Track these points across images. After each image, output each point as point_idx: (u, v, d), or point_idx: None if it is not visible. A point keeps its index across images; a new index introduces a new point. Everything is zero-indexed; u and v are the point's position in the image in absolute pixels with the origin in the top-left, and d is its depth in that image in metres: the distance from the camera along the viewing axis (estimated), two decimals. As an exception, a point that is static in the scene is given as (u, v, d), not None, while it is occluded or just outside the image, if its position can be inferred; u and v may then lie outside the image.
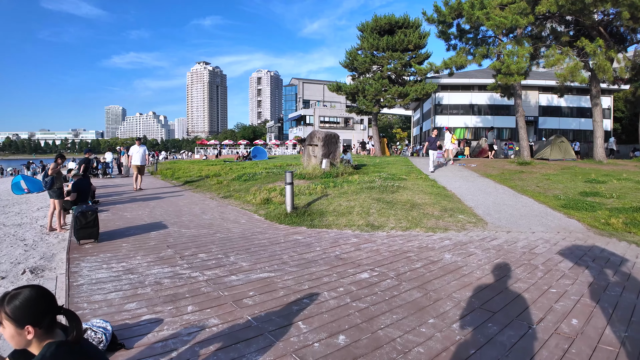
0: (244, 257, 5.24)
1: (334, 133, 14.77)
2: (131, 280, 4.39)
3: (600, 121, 17.69)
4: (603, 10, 14.54)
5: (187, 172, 20.52)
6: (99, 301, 3.77)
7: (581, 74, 15.04)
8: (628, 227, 6.94)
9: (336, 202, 8.73)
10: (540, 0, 14.40)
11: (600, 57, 14.39)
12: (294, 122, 70.43)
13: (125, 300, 3.79)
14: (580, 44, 15.01)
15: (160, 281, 4.34)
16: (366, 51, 27.39)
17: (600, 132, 17.74)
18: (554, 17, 17.54)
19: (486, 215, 8.03)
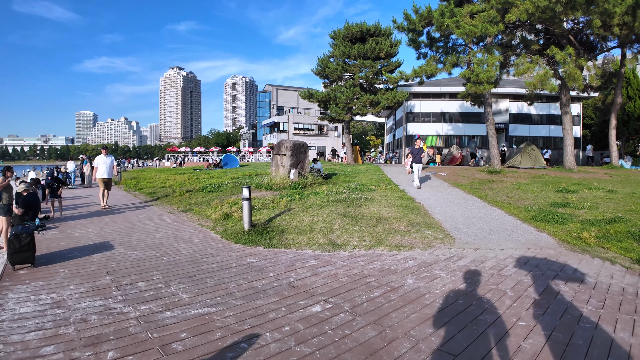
0: (187, 287, 4.70)
1: (302, 142, 14.32)
2: (56, 316, 3.81)
3: (570, 129, 17.86)
4: (573, 18, 14.67)
5: (152, 182, 19.64)
6: (16, 343, 3.22)
7: (551, 83, 15.12)
8: (601, 242, 6.72)
9: (299, 217, 8.25)
10: (510, 9, 14.39)
11: (570, 66, 14.48)
12: (267, 128, 69.79)
13: (43, 342, 3.24)
14: (550, 52, 15.08)
15: (87, 318, 3.77)
16: (338, 59, 27.15)
17: (570, 140, 17.90)
18: (524, 26, 17.66)
19: (454, 230, 7.71)
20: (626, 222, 7.90)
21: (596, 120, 37.45)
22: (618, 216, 8.41)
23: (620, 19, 13.42)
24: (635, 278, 5.06)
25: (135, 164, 63.24)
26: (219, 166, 35.16)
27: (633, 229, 7.28)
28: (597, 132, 38.50)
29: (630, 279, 5.01)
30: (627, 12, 13.34)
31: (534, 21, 15.00)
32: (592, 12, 13.11)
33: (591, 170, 18.34)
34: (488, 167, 18.38)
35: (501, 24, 14.83)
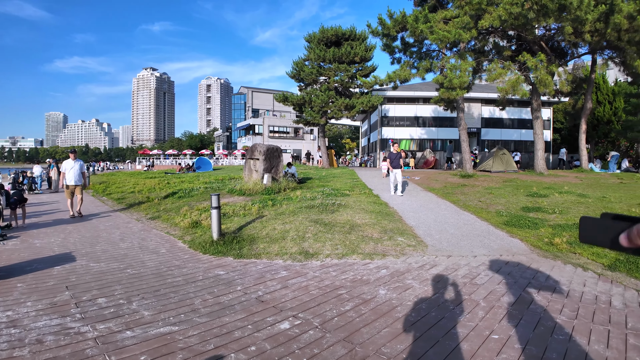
0: (150, 303, 4.44)
1: (276, 146, 14.12)
2: (11, 336, 3.52)
3: (540, 133, 18.28)
4: (545, 25, 15.00)
5: (121, 187, 19.01)
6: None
7: (522, 88, 15.46)
8: (572, 248, 6.79)
9: (271, 225, 8.05)
10: (483, 15, 14.61)
11: (541, 72, 14.80)
12: (242, 131, 69.17)
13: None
14: (522, 59, 15.40)
15: (42, 339, 3.49)
16: (313, 62, 27.09)
17: (540, 144, 18.31)
18: (496, 32, 17.99)
19: (427, 237, 7.67)
20: None
21: (566, 124, 38.62)
22: None
23: (591, 25, 13.79)
24: (608, 285, 5.09)
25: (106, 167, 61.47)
26: (191, 170, 34.51)
27: None
28: (567, 136, 39.70)
29: (603, 287, 5.04)
30: (599, 18, 13.73)
31: (506, 28, 15.31)
32: (564, 19, 13.46)
33: (561, 174, 18.81)
34: (460, 171, 18.60)
35: (474, 30, 15.06)
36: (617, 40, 13.98)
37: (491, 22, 14.28)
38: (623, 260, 5.91)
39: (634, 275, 5.37)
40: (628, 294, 4.76)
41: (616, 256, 6.13)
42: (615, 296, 4.69)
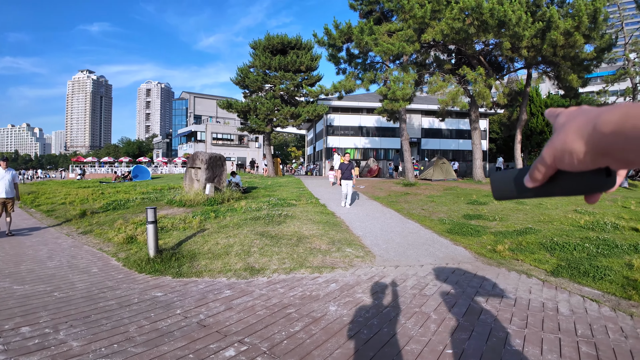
0: (79, 332, 3.94)
1: (219, 155, 13.63)
2: None
3: (478, 143, 19.14)
4: (485, 40, 15.75)
5: (52, 198, 17.48)
6: None
7: (462, 100, 16.11)
8: (515, 254, 7.01)
9: (213, 239, 7.63)
10: (426, 29, 15.09)
11: (480, 85, 15.50)
12: (184, 138, 66.86)
13: None
14: (461, 72, 16.07)
15: None
16: (258, 69, 26.74)
17: (478, 154, 19.17)
18: (437, 46, 18.67)
19: (374, 246, 7.62)
20: (536, 233, 8.41)
21: (501, 134, 40.99)
22: (528, 227, 8.94)
23: (528, 41, 14.64)
24: (553, 292, 5.24)
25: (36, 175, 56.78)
26: (128, 178, 32.69)
27: (543, 239, 7.74)
28: (503, 146, 42.15)
29: (548, 293, 5.18)
30: (535, 35, 14.59)
31: (447, 42, 15.92)
32: (502, 35, 14.20)
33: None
34: (403, 180, 19.03)
35: (417, 44, 15.52)
36: (552, 55, 14.96)
37: (433, 36, 14.80)
38: (565, 265, 6.17)
39: (576, 281, 5.58)
40: (574, 300, 4.92)
41: (557, 262, 6.40)
42: (561, 302, 4.83)
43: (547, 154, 0.47)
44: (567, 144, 0.44)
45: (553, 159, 0.46)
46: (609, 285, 5.30)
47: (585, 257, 6.50)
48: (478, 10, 13.59)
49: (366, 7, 18.83)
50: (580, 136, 0.42)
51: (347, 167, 12.66)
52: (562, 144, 0.44)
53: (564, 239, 7.77)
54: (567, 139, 0.44)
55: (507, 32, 13.96)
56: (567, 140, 0.44)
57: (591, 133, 0.41)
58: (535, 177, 0.49)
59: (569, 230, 8.69)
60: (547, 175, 0.49)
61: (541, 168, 0.48)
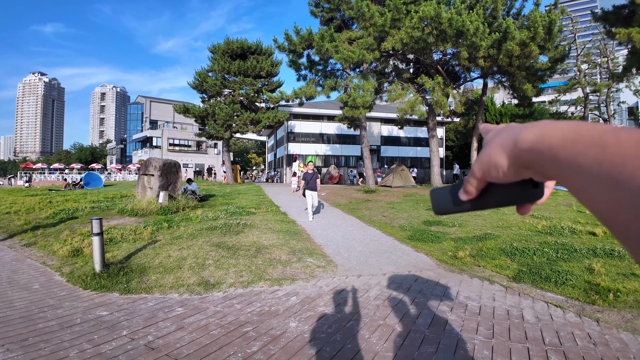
0: (15, 357, 3.47)
1: (174, 161, 13.04)
2: None
3: (436, 151, 19.45)
4: (443, 50, 16.00)
5: (-7, 207, 16.10)
6: None
7: (421, 109, 16.30)
8: (476, 260, 7.00)
9: (165, 251, 7.14)
10: (386, 37, 15.17)
11: (438, 93, 15.74)
12: (139, 143, 64.45)
13: None
14: (420, 81, 16.28)
15: None
16: (217, 74, 26.12)
17: (436, 161, 19.48)
18: (397, 55, 18.87)
19: (336, 255, 7.41)
20: (496, 238, 8.49)
21: (457, 142, 42.18)
22: (487, 233, 9.04)
23: (485, 51, 15.01)
24: (517, 298, 5.19)
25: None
26: (79, 186, 30.95)
27: (503, 245, 7.82)
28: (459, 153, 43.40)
29: (512, 300, 5.13)
30: (492, 45, 14.98)
31: (406, 51, 16.11)
32: (460, 44, 14.48)
33: (454, 189, 20.10)
34: (364, 187, 19.04)
35: (377, 52, 15.60)
36: (508, 65, 15.45)
37: (393, 45, 14.92)
38: (526, 271, 6.19)
39: (539, 286, 5.59)
40: (538, 306, 4.88)
41: (518, 267, 6.43)
42: (526, 309, 4.78)
43: (477, 168, 0.48)
44: (492, 157, 0.46)
45: (482, 173, 0.48)
46: (571, 290, 5.33)
47: (546, 262, 6.57)
48: (437, 20, 13.83)
49: (327, 14, 18.80)
50: (504, 151, 0.45)
51: (311, 177, 11.64)
52: (488, 157, 0.47)
53: (523, 244, 7.88)
54: (492, 153, 0.46)
55: (464, 42, 14.29)
56: (492, 154, 0.46)
57: (512, 148, 0.43)
58: (468, 191, 0.51)
59: (527, 235, 8.86)
60: (479, 188, 0.50)
61: (473, 181, 0.50)
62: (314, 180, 11.65)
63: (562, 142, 0.37)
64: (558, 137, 0.38)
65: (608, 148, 0.32)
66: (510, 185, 0.49)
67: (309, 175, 11.67)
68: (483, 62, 16.11)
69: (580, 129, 0.36)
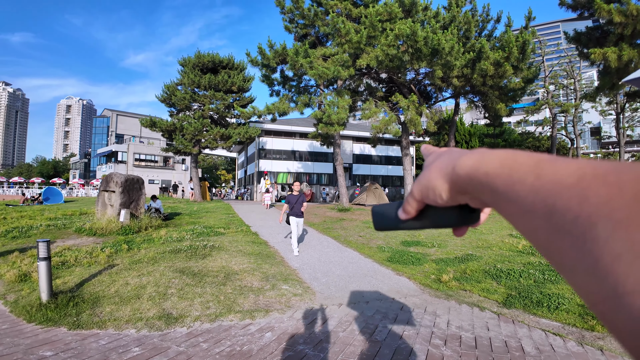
0: None
1: (137, 177, 12.22)
2: None
3: (410, 169, 19.29)
4: (417, 68, 15.89)
5: None
6: None
7: (395, 127, 16.10)
8: (462, 284, 6.65)
9: (123, 278, 6.38)
10: (361, 55, 14.98)
11: (412, 112, 15.58)
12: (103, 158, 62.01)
13: None
14: (394, 99, 16.11)
15: None
16: (186, 87, 25.34)
17: (410, 179, 19.31)
18: (370, 74, 18.73)
19: (313, 281, 6.86)
20: (478, 259, 8.19)
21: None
22: (468, 254, 8.74)
23: (459, 71, 15.03)
24: (511, 326, 4.80)
25: None
26: (38, 201, 29.12)
27: (487, 267, 7.51)
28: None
29: (507, 329, 4.73)
30: (466, 64, 15.02)
31: (381, 69, 15.96)
32: (435, 63, 14.41)
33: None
34: (338, 205, 18.61)
35: (352, 69, 15.39)
36: (481, 85, 15.52)
37: (368, 62, 14.73)
38: (515, 295, 5.86)
39: (531, 312, 5.24)
40: (536, 335, 4.49)
41: (507, 291, 6.10)
42: (524, 339, 4.38)
43: (416, 190, 0.49)
44: (431, 181, 0.46)
45: (420, 195, 0.48)
46: (566, 316, 5.00)
47: (534, 285, 6.27)
48: (413, 38, 13.75)
49: (301, 30, 18.54)
50: (442, 175, 0.45)
51: (296, 200, 9.25)
52: (427, 180, 0.47)
53: (507, 265, 7.61)
54: (431, 176, 0.46)
55: (439, 61, 14.26)
56: (431, 178, 0.46)
57: (450, 173, 0.43)
58: (407, 211, 0.51)
59: (509, 255, 8.63)
60: (417, 209, 0.51)
61: (412, 202, 0.50)
62: (299, 204, 9.26)
63: (499, 169, 0.36)
64: (495, 164, 0.37)
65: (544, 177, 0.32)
66: (448, 208, 0.48)
67: (293, 198, 9.31)
68: (457, 81, 16.17)
69: (517, 157, 0.36)
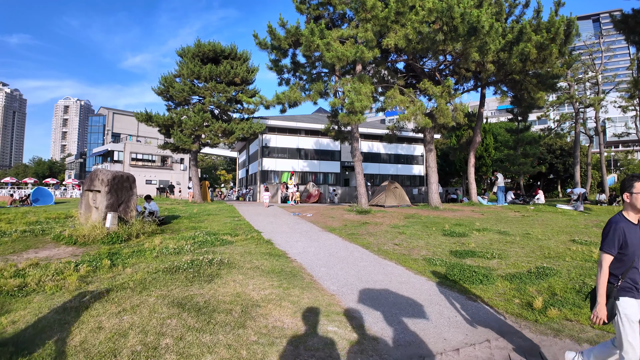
0: None
1: (127, 175, 10.24)
2: None
3: (434, 166, 17.35)
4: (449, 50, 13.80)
5: None
6: None
7: (424, 117, 14.10)
8: (561, 312, 4.86)
9: (95, 317, 4.34)
10: (387, 33, 13.00)
11: (445, 100, 13.64)
12: (99, 157, 59.94)
13: None
14: (422, 86, 14.14)
15: None
16: (185, 79, 23.26)
17: (434, 178, 17.36)
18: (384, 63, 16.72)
19: (366, 315, 4.92)
20: (557, 274, 6.43)
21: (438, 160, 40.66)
22: (542, 266, 6.93)
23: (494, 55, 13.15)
24: None
25: None
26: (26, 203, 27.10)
27: (575, 284, 5.93)
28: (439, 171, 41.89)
29: None
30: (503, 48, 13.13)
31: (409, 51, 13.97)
32: (471, 44, 12.40)
33: (456, 207, 18.05)
34: (356, 207, 16.63)
35: (377, 50, 13.40)
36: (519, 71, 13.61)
37: (396, 41, 12.73)
38: None
39: None
40: None
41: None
42: None
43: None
44: None
45: None
46: None
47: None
48: (448, 14, 11.80)
49: (314, 10, 16.48)
50: None
51: None
52: None
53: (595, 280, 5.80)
54: None
55: (475, 42, 12.28)
56: None
57: None
58: None
59: (591, 267, 6.86)
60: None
61: None
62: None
63: None
64: None
65: None
66: None
67: None
68: (492, 66, 14.21)
69: None
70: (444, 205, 18.80)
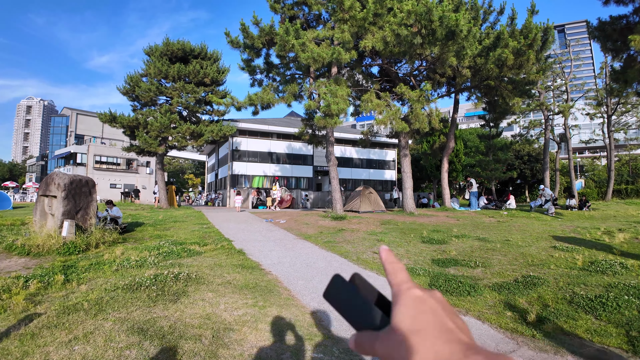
0: None
1: (86, 179, 9.43)
2: None
3: (409, 172, 17.15)
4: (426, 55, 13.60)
5: None
6: None
7: (401, 121, 13.80)
8: (555, 324, 4.66)
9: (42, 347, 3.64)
10: (364, 35, 12.67)
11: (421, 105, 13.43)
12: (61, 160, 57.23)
13: None
14: (399, 90, 13.88)
15: None
16: (152, 78, 22.27)
17: (409, 183, 17.15)
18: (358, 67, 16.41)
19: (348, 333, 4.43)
20: (546, 283, 6.21)
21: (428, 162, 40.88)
22: (528, 275, 6.73)
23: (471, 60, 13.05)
24: None
25: None
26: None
27: (564, 293, 5.67)
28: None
29: None
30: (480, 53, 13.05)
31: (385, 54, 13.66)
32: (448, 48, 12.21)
33: (430, 213, 17.91)
34: (331, 212, 16.20)
35: (354, 52, 13.04)
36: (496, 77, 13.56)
37: (374, 44, 12.42)
38: (637, 336, 3.76)
39: None
40: None
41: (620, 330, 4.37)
42: None
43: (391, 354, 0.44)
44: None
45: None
46: None
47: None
48: (427, 17, 11.58)
49: (289, 10, 16.01)
50: None
51: None
52: None
53: (586, 289, 5.72)
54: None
55: (453, 47, 12.12)
56: None
57: None
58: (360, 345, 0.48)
59: (577, 275, 6.65)
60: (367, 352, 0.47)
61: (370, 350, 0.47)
62: None
63: None
64: None
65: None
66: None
67: None
68: (468, 71, 14.13)
69: None
70: (418, 210, 18.65)
